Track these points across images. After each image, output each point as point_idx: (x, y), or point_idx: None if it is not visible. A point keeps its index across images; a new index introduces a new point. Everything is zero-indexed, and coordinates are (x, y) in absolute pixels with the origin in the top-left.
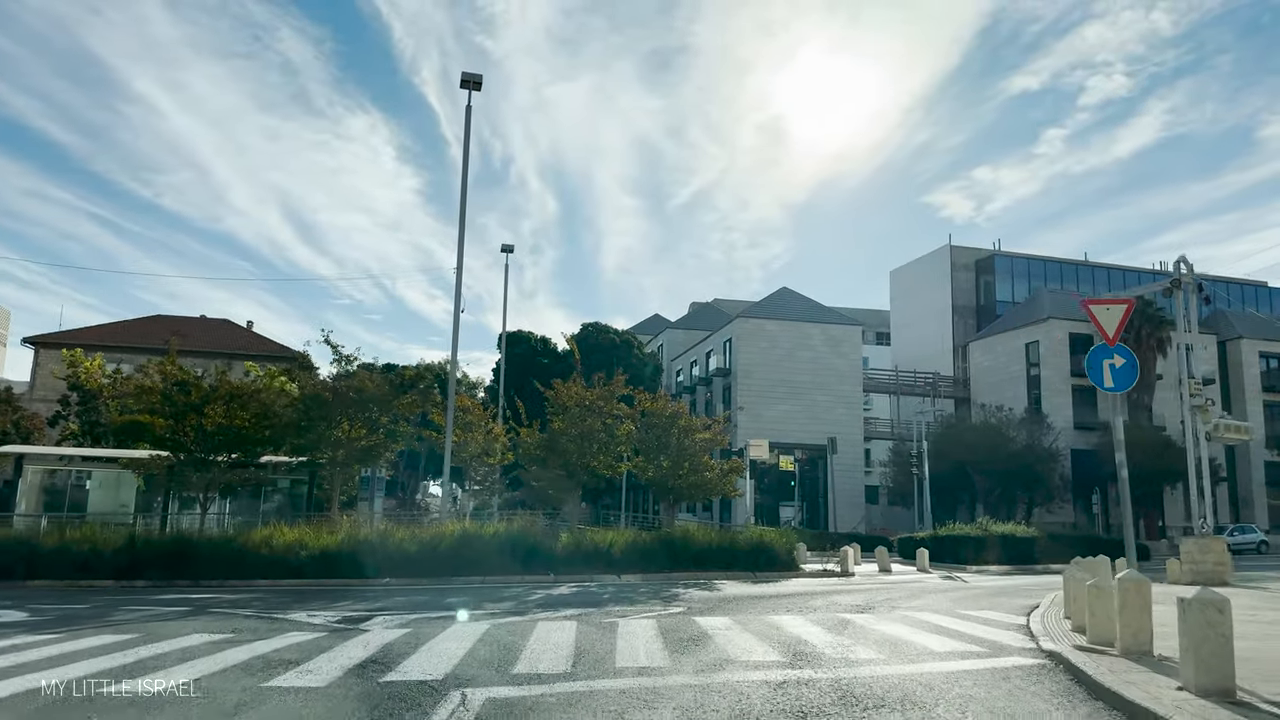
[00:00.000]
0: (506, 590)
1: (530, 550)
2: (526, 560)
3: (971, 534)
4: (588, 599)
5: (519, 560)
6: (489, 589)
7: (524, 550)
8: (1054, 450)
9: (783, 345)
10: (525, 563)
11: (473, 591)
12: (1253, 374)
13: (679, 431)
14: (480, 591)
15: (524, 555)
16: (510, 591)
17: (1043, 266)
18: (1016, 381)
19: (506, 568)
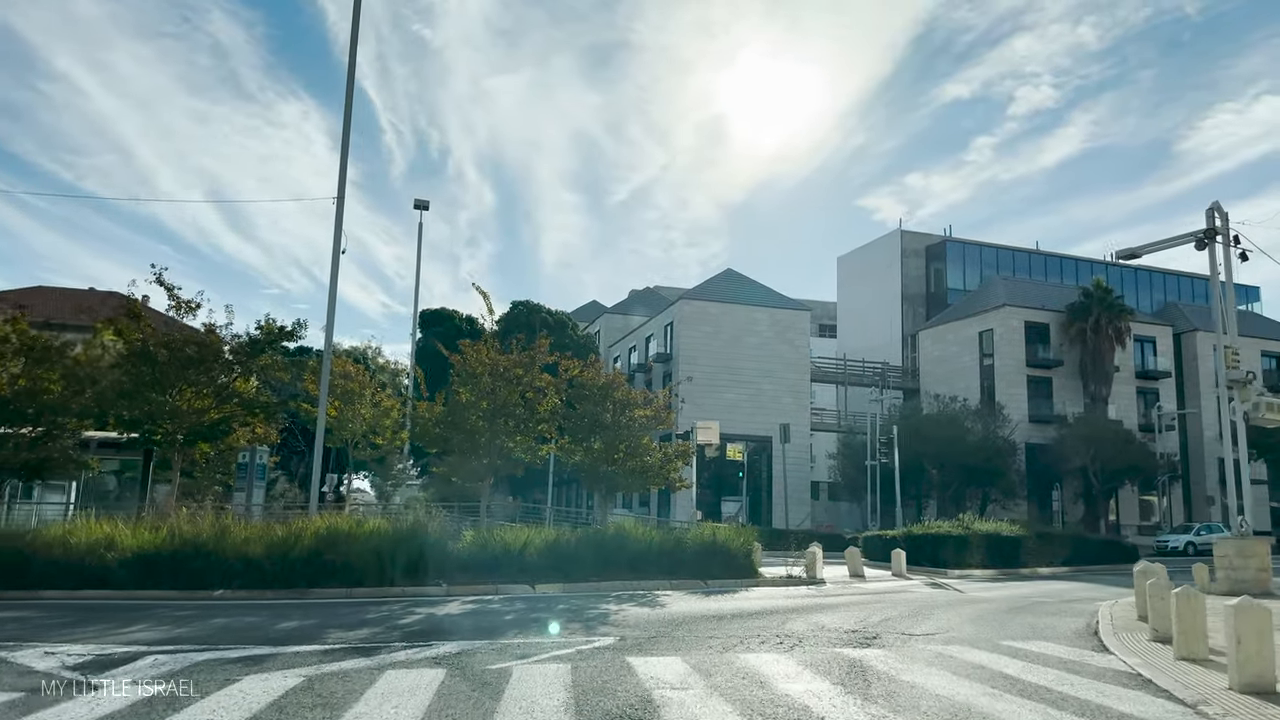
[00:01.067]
0: (374, 609)
1: (416, 554)
2: (412, 567)
3: (953, 533)
4: (481, 624)
5: (401, 567)
6: (351, 607)
7: (409, 554)
8: (1012, 443)
9: (727, 330)
10: (411, 570)
11: (325, 611)
12: (1207, 368)
13: (615, 406)
14: (335, 612)
15: (409, 561)
16: (378, 611)
17: (994, 254)
18: (969, 372)
19: (383, 577)
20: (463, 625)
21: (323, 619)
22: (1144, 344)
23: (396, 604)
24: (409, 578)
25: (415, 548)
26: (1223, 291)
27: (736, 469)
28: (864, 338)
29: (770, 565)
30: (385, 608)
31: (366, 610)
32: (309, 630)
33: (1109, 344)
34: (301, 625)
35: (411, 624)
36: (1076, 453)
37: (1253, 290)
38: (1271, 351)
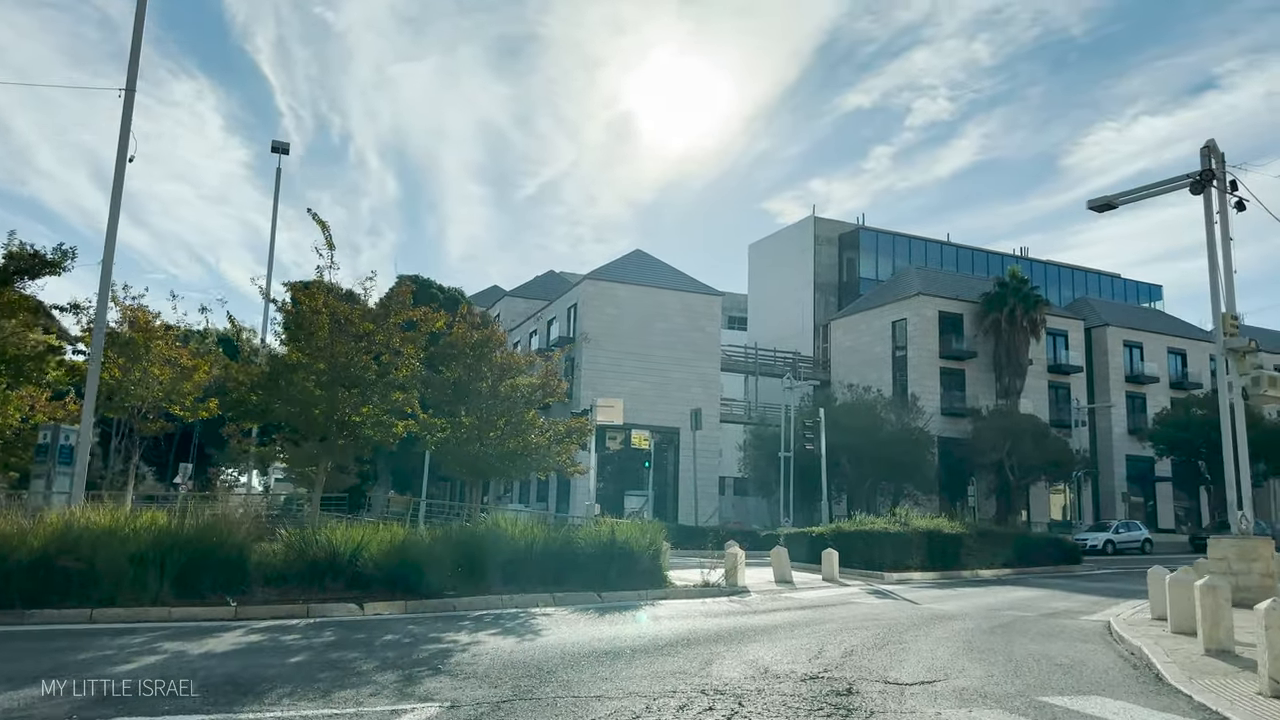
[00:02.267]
0: (95, 644)
1: (199, 562)
2: (190, 580)
3: (890, 530)
4: (244, 672)
5: (173, 578)
6: (68, 640)
7: (185, 561)
8: (929, 435)
9: (634, 313)
10: (187, 584)
11: (34, 646)
12: (1117, 363)
13: (492, 372)
14: (47, 647)
15: (184, 571)
16: (109, 646)
17: (907, 244)
18: (881, 363)
19: (146, 592)
20: (213, 674)
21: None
22: (1056, 338)
23: (144, 634)
24: (185, 594)
25: (198, 553)
26: (1221, 249)
27: (642, 459)
28: (775, 327)
29: (681, 568)
30: (119, 641)
31: (85, 646)
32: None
33: (1023, 336)
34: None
35: (130, 671)
36: (993, 446)
37: (1155, 289)
38: (1177, 349)
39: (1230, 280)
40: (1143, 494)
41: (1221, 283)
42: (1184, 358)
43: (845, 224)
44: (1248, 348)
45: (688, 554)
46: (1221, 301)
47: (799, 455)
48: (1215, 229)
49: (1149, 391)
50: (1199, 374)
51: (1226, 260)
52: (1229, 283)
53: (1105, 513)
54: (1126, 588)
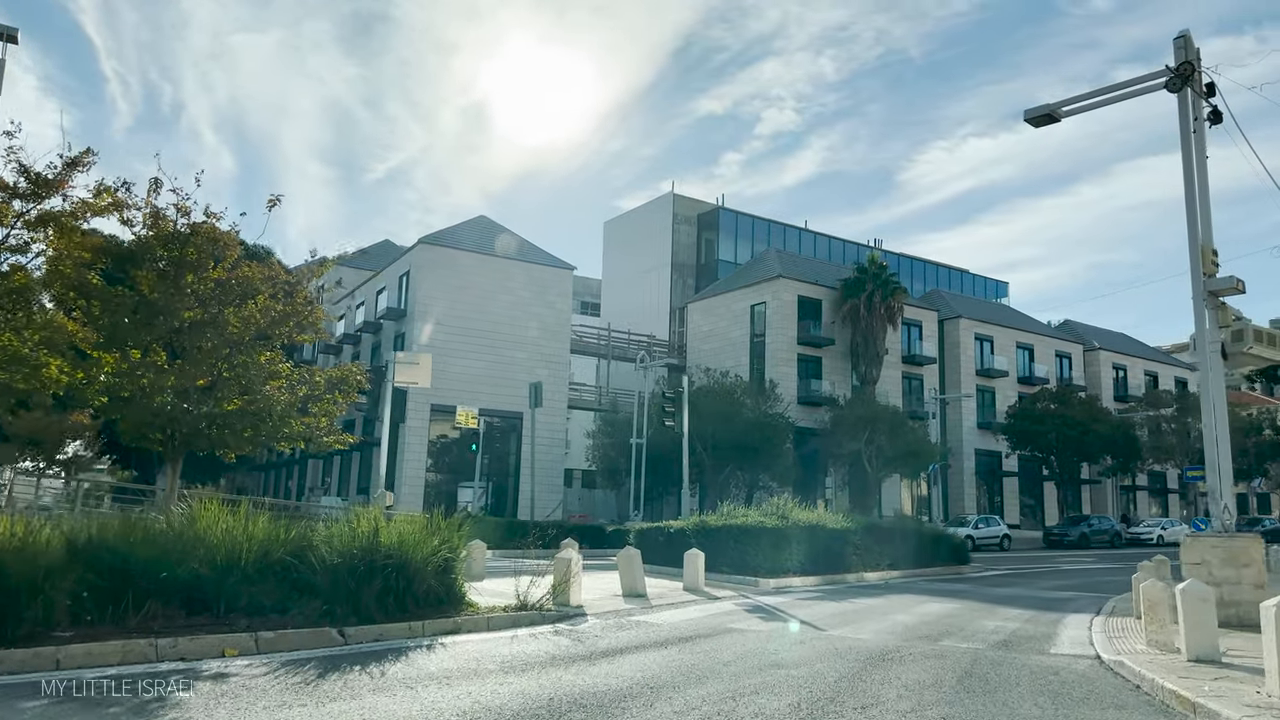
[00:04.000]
0: None
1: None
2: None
3: (767, 524)
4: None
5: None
6: None
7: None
8: (789, 421)
9: (476, 285)
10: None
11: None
12: (968, 355)
13: (211, 291)
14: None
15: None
16: None
17: (766, 228)
18: (739, 348)
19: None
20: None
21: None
22: (911, 328)
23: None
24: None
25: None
26: (1197, 166)
27: (473, 440)
28: (630, 309)
29: (499, 577)
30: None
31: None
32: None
33: (881, 324)
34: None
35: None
36: (852, 436)
37: (1002, 285)
38: (1026, 344)
39: (1208, 206)
40: (990, 488)
41: (1199, 208)
42: (1031, 353)
43: (704, 203)
44: (1232, 286)
45: (516, 557)
46: (1199, 231)
47: (652, 443)
48: (1192, 140)
49: (998, 386)
50: (1046, 370)
51: (1203, 180)
52: (1206, 209)
53: (955, 507)
54: (1039, 595)
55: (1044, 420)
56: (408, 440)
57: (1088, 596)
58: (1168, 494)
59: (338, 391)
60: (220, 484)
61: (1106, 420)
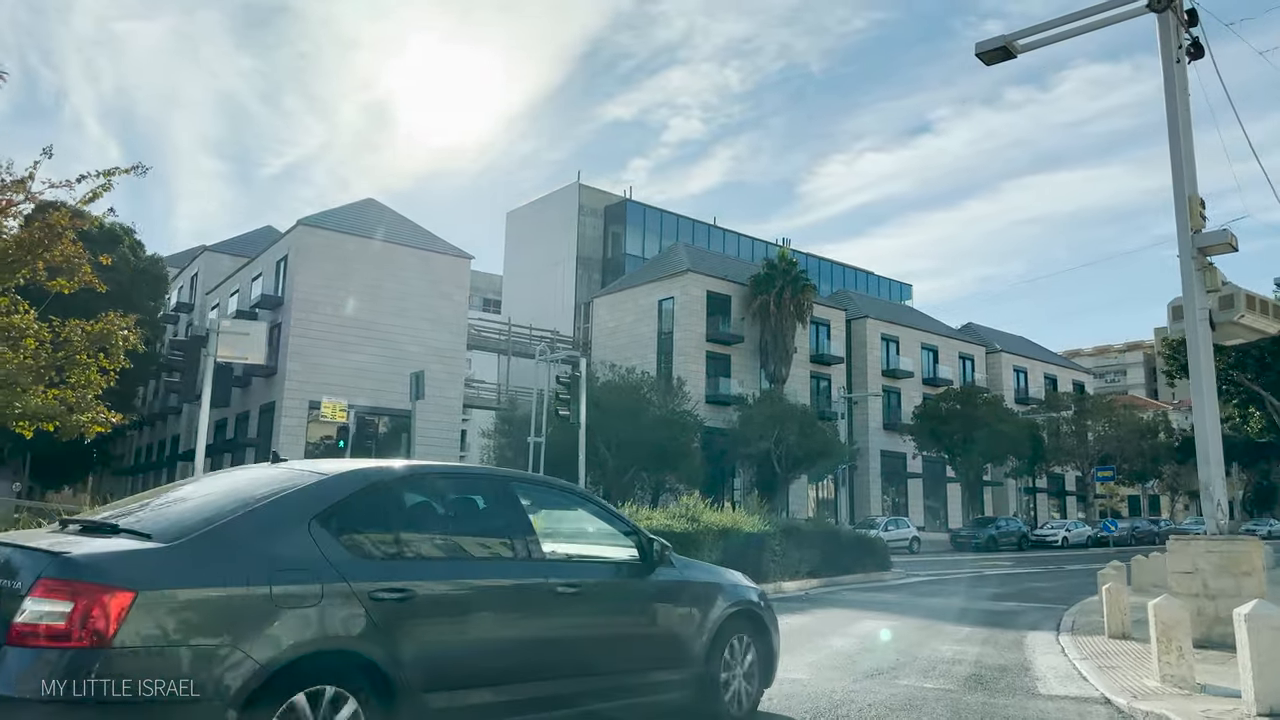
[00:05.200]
0: None
1: None
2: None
3: (675, 528)
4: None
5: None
6: None
7: None
8: (698, 420)
9: (362, 273)
10: None
11: None
12: (875, 355)
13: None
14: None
15: None
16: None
17: (675, 223)
18: (645, 344)
19: None
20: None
21: None
22: (819, 327)
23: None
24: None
25: None
26: (1180, 105)
27: (339, 440)
28: (533, 304)
29: None
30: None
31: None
32: None
33: (790, 321)
34: None
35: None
36: (761, 435)
37: (906, 287)
38: (930, 345)
39: (1191, 149)
40: (894, 490)
41: (1184, 151)
42: (936, 354)
43: (612, 195)
44: (1224, 242)
45: None
46: (1184, 177)
47: (553, 442)
48: (1174, 71)
49: (903, 387)
50: (950, 371)
51: (1186, 120)
52: (1190, 152)
53: (861, 508)
54: (980, 607)
55: (950, 420)
56: (282, 441)
57: (1033, 608)
58: (1066, 496)
59: (101, 354)
60: (75, 488)
61: (1012, 421)
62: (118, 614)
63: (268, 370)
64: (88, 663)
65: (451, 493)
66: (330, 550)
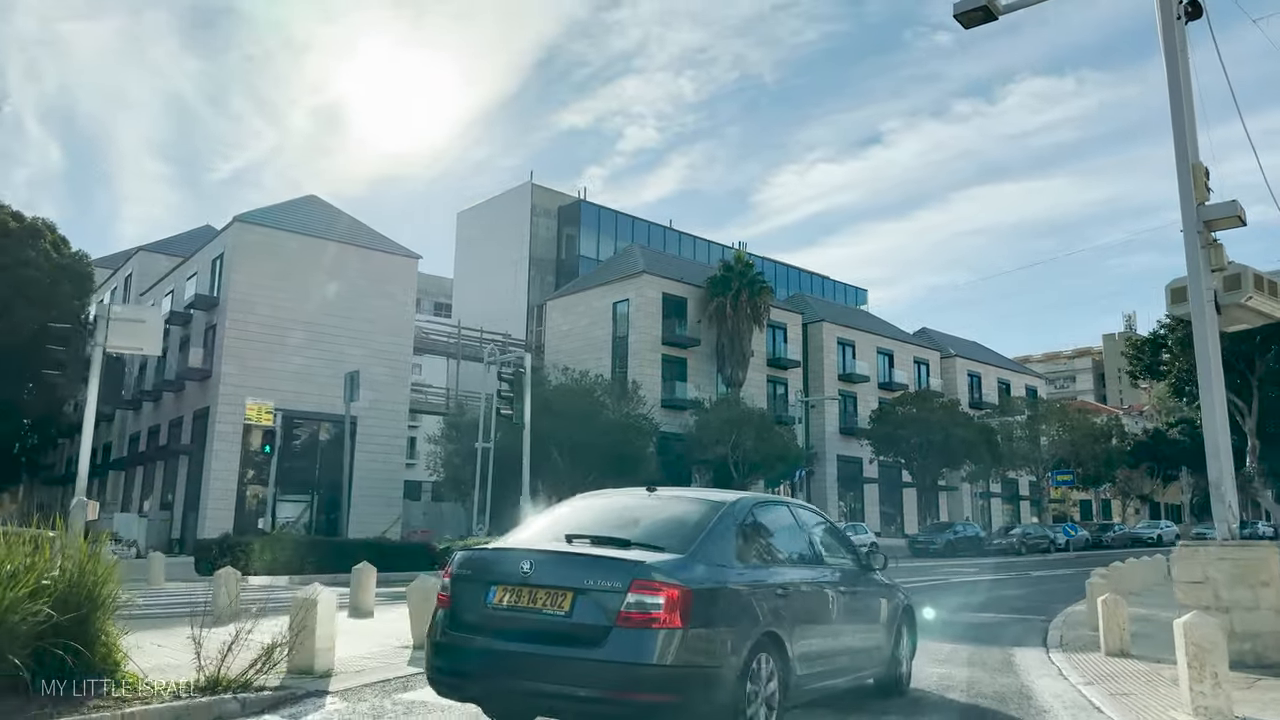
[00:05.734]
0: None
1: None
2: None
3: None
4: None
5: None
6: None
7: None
8: (654, 423)
9: (302, 272)
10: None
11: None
12: (831, 360)
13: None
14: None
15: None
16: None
17: (630, 224)
18: (600, 347)
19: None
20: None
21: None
22: (776, 330)
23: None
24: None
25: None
26: (1182, 64)
27: (265, 445)
28: (484, 307)
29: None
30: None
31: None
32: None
33: (747, 324)
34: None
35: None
36: (718, 439)
37: (861, 292)
38: (886, 349)
39: (1194, 115)
40: (851, 495)
41: (1186, 116)
42: (891, 359)
43: (566, 196)
44: (1232, 215)
45: (336, 582)
46: (1187, 144)
47: (503, 448)
48: (1175, 31)
49: (860, 391)
50: (905, 376)
51: (1188, 83)
52: (1193, 118)
53: None
54: (958, 619)
55: (906, 424)
56: (215, 447)
57: (1011, 619)
58: (1020, 500)
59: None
60: (3, 498)
61: (968, 425)
62: (686, 605)
63: (202, 374)
64: (673, 639)
65: (773, 513)
66: (752, 556)
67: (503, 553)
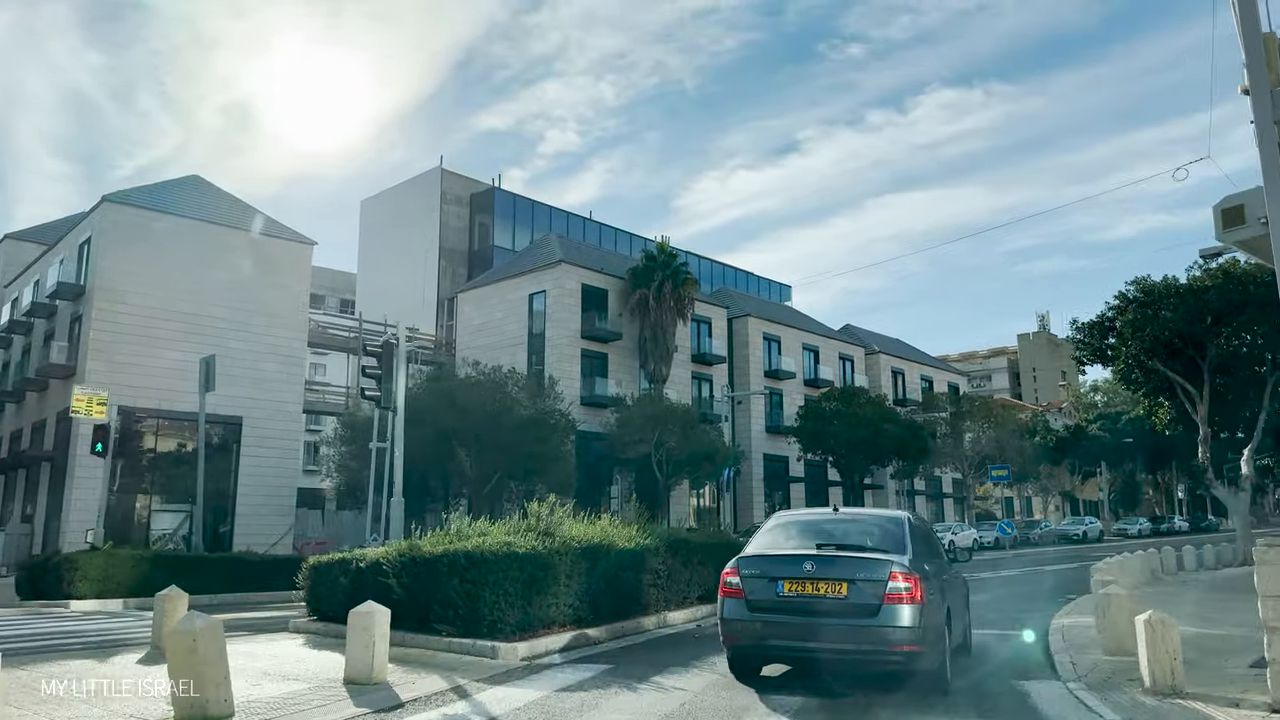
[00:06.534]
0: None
1: None
2: None
3: (518, 549)
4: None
5: None
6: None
7: None
8: (570, 420)
9: (181, 258)
10: None
11: None
12: (757, 356)
13: None
14: None
15: None
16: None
17: (548, 214)
18: (515, 343)
19: None
20: None
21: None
22: (700, 325)
23: None
24: None
25: None
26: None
27: (170, 455)
28: (391, 300)
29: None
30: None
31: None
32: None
33: (671, 317)
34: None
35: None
36: (640, 438)
37: (785, 288)
38: (811, 345)
39: (706, 333)
40: (778, 495)
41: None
42: (817, 355)
43: (479, 182)
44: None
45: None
46: (1257, 11)
47: (406, 449)
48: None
49: (786, 388)
50: (831, 372)
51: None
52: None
53: (744, 516)
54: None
55: (834, 420)
56: (79, 452)
57: (990, 636)
58: (943, 499)
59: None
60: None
61: (897, 421)
62: (922, 589)
63: (65, 370)
64: (919, 610)
65: (922, 525)
66: (927, 556)
67: (782, 558)
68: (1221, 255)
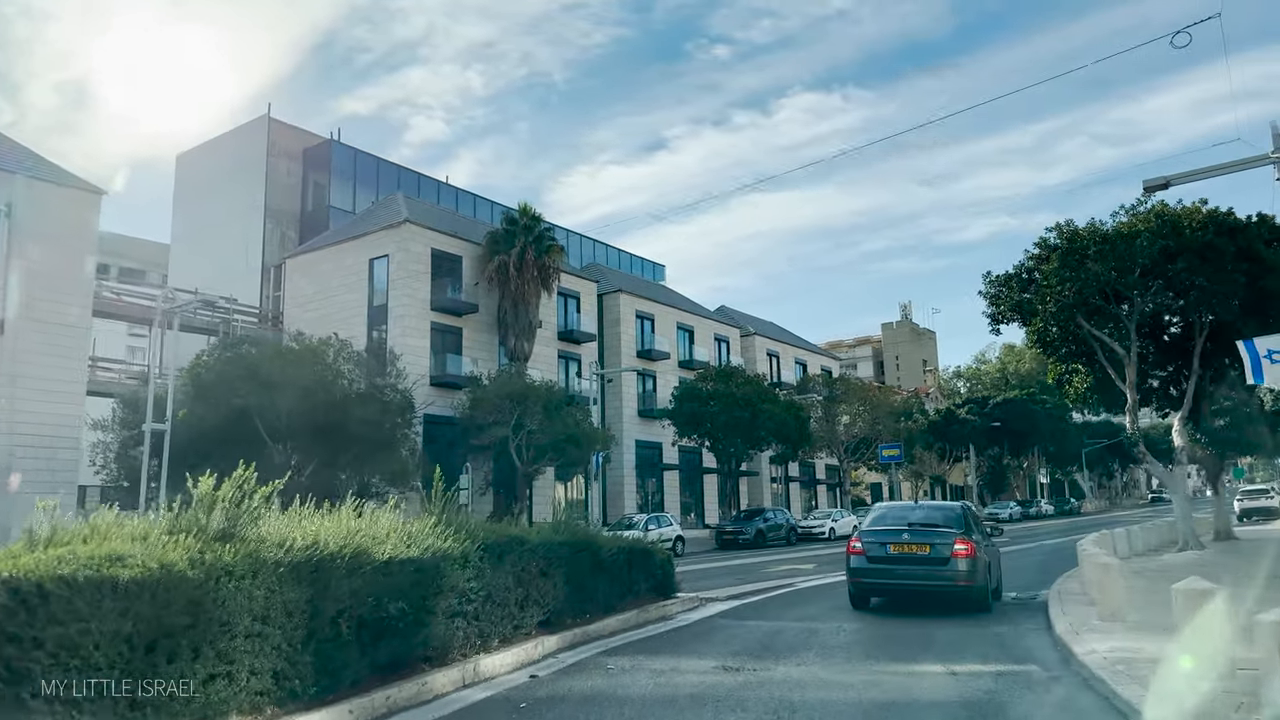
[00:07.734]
0: None
1: None
2: None
3: (401, 555)
4: None
5: None
6: None
7: None
8: (410, 400)
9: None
10: None
11: None
12: (629, 334)
13: None
14: None
15: None
16: None
17: (396, 173)
18: (353, 314)
19: None
20: None
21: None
22: (568, 299)
23: None
24: None
25: None
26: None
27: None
28: (209, 267)
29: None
30: None
31: None
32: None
33: (535, 287)
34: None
35: None
36: (498, 420)
37: (659, 268)
38: (686, 325)
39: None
40: (650, 483)
41: None
42: (692, 335)
43: (314, 136)
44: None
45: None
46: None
47: (200, 431)
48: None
49: (660, 370)
50: (707, 354)
51: None
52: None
53: (614, 506)
54: (881, 670)
55: (711, 400)
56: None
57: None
58: (817, 485)
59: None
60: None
61: (776, 401)
62: (973, 548)
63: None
64: (972, 561)
65: (970, 510)
66: (975, 530)
67: (888, 530)
68: (1169, 186)
